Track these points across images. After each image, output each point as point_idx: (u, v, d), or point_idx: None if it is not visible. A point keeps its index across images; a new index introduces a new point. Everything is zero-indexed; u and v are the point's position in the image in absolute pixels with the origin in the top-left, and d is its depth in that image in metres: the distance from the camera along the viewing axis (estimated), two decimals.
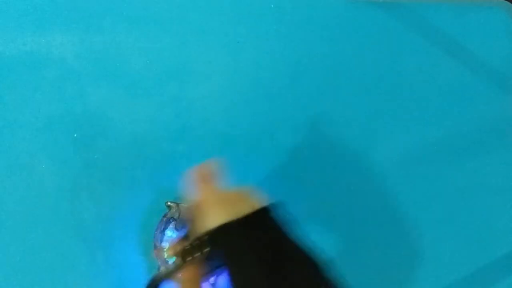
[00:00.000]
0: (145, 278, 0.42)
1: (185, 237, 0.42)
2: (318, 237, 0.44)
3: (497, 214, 0.44)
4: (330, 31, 0.50)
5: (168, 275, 0.40)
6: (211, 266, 0.40)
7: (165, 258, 0.42)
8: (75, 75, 0.48)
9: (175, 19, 0.50)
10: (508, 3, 0.52)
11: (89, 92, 0.47)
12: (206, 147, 0.46)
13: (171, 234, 0.43)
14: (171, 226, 0.43)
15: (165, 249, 0.42)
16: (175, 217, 0.43)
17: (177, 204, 0.43)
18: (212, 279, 0.41)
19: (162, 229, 0.43)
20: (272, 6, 0.51)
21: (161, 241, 0.42)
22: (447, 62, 0.50)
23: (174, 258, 0.41)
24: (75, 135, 0.46)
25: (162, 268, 0.41)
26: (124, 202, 0.44)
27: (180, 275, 0.40)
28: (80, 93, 0.47)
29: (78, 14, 0.50)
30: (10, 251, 0.42)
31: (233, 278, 0.35)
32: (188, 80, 0.48)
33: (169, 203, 0.43)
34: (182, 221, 0.43)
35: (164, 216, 0.43)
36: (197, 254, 0.39)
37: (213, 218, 0.36)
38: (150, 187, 0.44)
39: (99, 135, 0.46)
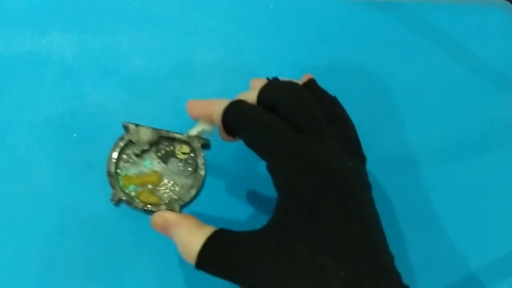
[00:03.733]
0: (146, 278, 0.42)
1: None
2: None
3: (497, 214, 0.44)
4: (330, 31, 0.50)
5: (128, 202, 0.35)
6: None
7: (121, 186, 0.36)
8: (75, 75, 0.48)
9: (175, 19, 0.50)
10: (508, 3, 0.52)
11: (89, 92, 0.47)
12: None
13: (128, 159, 0.37)
14: (129, 150, 0.37)
15: (120, 176, 0.36)
16: (133, 140, 0.37)
17: (136, 126, 0.37)
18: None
19: (117, 153, 0.36)
20: (272, 6, 0.51)
21: (116, 167, 0.36)
22: (447, 62, 0.50)
23: (132, 187, 0.36)
24: (75, 135, 0.46)
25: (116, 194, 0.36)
26: None
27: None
28: (80, 93, 0.47)
29: (78, 14, 0.50)
30: (10, 251, 0.42)
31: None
32: (188, 80, 0.48)
33: (126, 123, 0.37)
34: (142, 145, 0.37)
35: (121, 138, 0.36)
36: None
37: None
38: None
39: (99, 135, 0.46)
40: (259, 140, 0.32)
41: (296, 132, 0.31)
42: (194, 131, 0.37)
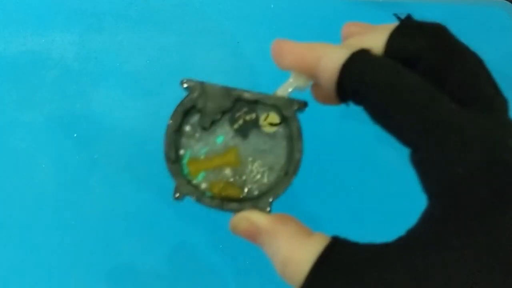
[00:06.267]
0: (146, 279, 0.42)
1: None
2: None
3: None
4: (330, 31, 0.50)
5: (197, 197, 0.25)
6: None
7: (186, 176, 0.26)
8: (75, 75, 0.48)
9: (175, 19, 0.50)
10: (508, 3, 0.52)
11: (89, 92, 0.47)
12: None
13: (193, 132, 0.25)
14: (193, 120, 0.26)
15: (185, 160, 0.26)
16: (199, 106, 0.25)
17: (202, 84, 0.26)
18: None
19: (177, 126, 0.25)
20: (272, 6, 0.51)
21: (177, 148, 0.25)
22: None
23: (202, 175, 0.26)
24: (75, 135, 0.46)
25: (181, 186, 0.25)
26: (124, 202, 0.44)
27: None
28: (80, 93, 0.47)
29: (78, 14, 0.50)
30: (10, 251, 0.42)
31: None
32: None
33: (188, 81, 0.26)
34: (211, 114, 0.25)
35: (181, 103, 0.25)
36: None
37: None
38: (150, 187, 0.44)
39: (99, 135, 0.46)
40: (404, 114, 0.21)
41: (460, 106, 0.21)
42: (284, 90, 0.26)
